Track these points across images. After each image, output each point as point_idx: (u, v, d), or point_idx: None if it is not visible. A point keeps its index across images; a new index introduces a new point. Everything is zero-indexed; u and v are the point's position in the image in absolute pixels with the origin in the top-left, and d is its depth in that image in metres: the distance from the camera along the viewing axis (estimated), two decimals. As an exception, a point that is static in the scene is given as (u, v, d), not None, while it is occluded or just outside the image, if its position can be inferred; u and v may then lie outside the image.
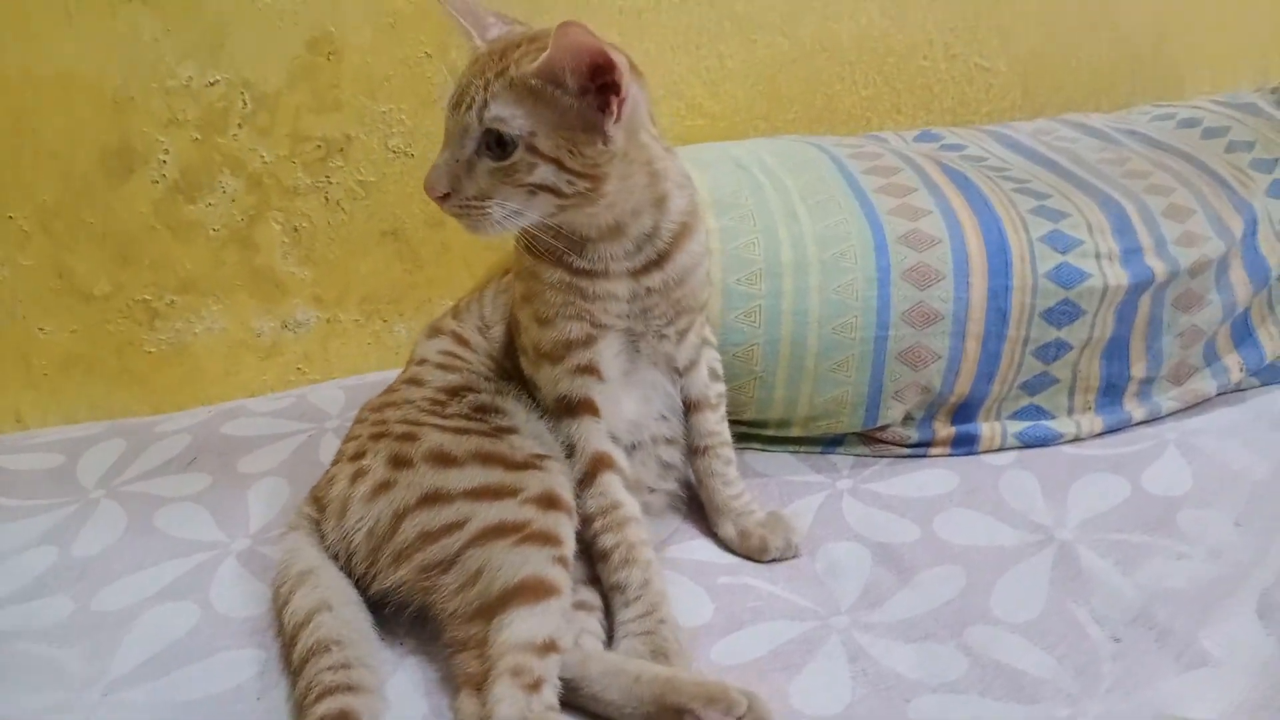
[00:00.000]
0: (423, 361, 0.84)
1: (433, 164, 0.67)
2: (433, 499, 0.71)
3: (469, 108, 0.64)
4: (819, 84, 1.20)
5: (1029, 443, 0.94)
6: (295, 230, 1.07)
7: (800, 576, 0.80)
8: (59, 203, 1.02)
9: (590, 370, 0.76)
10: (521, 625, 0.64)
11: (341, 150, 1.07)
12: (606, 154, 0.65)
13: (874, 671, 0.69)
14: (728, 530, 0.83)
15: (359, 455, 0.76)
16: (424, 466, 0.73)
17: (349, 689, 0.63)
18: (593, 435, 0.77)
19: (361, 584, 0.72)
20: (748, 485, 0.88)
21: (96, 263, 1.04)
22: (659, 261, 0.74)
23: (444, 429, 0.75)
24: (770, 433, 0.95)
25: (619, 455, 0.77)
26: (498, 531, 0.68)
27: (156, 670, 0.70)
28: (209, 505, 0.88)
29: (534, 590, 0.66)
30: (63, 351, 1.07)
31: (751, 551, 0.82)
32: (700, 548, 0.84)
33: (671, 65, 1.14)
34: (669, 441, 0.84)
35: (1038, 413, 0.95)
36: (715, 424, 0.85)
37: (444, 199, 0.66)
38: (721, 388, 0.86)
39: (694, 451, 0.85)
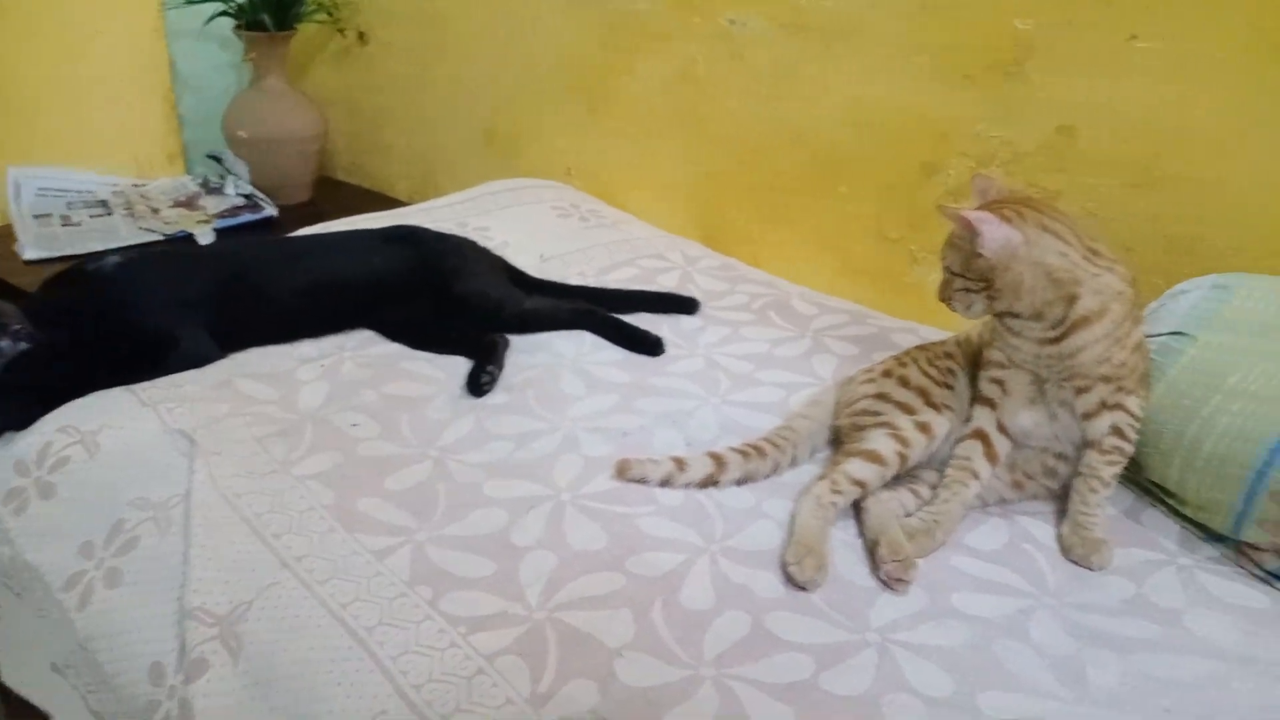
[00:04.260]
0: (960, 334, 1.35)
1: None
2: (880, 397, 1.27)
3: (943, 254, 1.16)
4: None
5: (1365, 627, 1.02)
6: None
7: (1070, 575, 1.11)
8: (889, 185, 1.74)
9: (998, 383, 1.20)
10: (852, 466, 1.18)
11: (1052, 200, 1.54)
12: (987, 269, 1.09)
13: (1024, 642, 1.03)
14: (1063, 528, 1.18)
15: (880, 364, 1.34)
16: (894, 380, 1.28)
17: (766, 445, 1.25)
18: (982, 418, 1.21)
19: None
20: (1123, 528, 1.19)
21: (896, 221, 1.74)
22: (1057, 339, 1.12)
23: (920, 369, 1.28)
24: (1171, 502, 1.21)
25: (994, 437, 1.19)
26: (885, 425, 1.22)
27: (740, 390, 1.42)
28: (841, 362, 1.52)
29: (872, 456, 1.18)
30: (861, 262, 1.82)
31: (1063, 548, 1.16)
32: (1035, 525, 1.19)
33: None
34: (1058, 456, 1.21)
35: None
36: (1097, 464, 1.17)
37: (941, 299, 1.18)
38: (1120, 443, 1.16)
39: (1077, 473, 1.20)
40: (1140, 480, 1.24)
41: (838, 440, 1.30)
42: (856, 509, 1.19)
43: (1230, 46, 1.37)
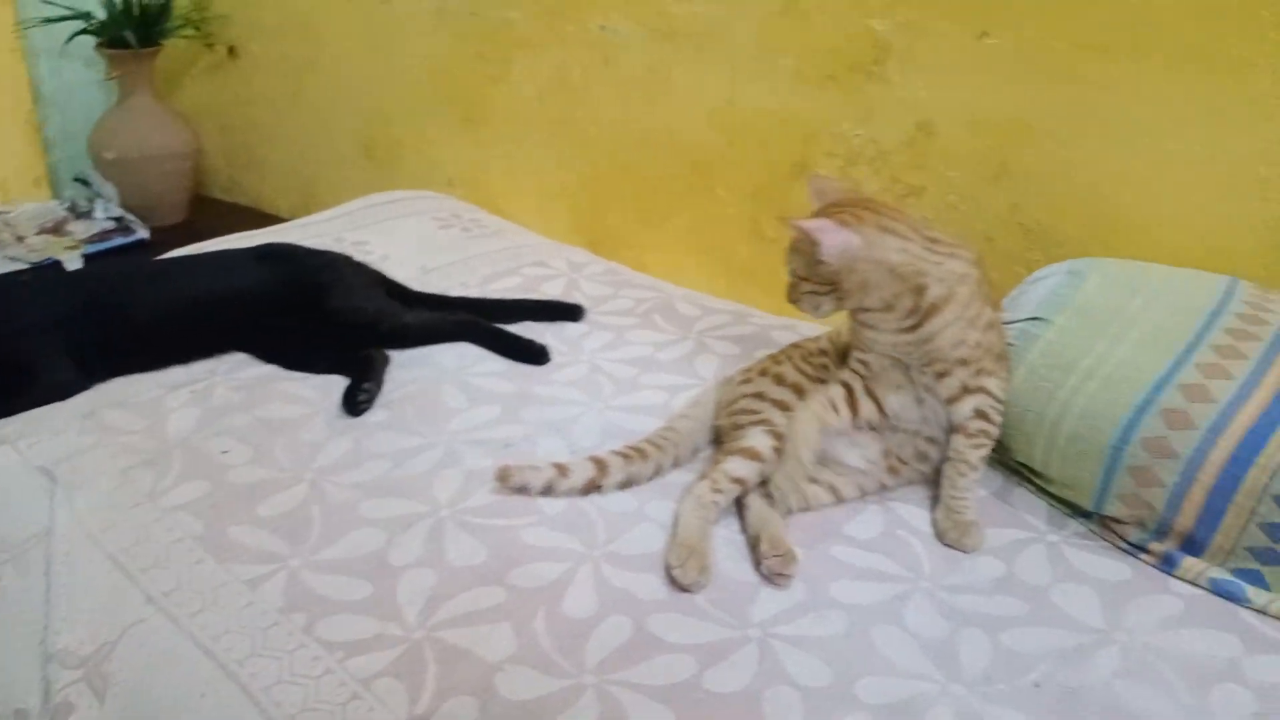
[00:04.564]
0: (832, 330, 1.38)
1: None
2: (757, 395, 1.29)
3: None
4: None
5: (1217, 592, 1.08)
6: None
7: (944, 559, 1.14)
8: (762, 185, 1.77)
9: (863, 363, 1.22)
10: (732, 464, 1.19)
11: (915, 194, 1.59)
12: (831, 273, 1.12)
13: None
14: (936, 513, 1.21)
15: (758, 363, 1.36)
16: (770, 379, 1.30)
17: (648, 446, 1.26)
18: (847, 376, 1.23)
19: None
20: (994, 509, 1.23)
21: (771, 221, 1.77)
22: (912, 326, 1.15)
23: (795, 366, 1.31)
24: (1038, 481, 1.25)
25: (858, 391, 1.21)
26: (761, 421, 1.24)
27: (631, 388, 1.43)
28: (723, 362, 1.53)
29: (750, 454, 1.20)
30: (740, 261, 1.85)
31: (937, 533, 1.19)
32: (911, 512, 1.22)
33: (1214, 213, 1.39)
34: (928, 440, 1.24)
35: (1256, 578, 1.07)
36: (963, 447, 1.20)
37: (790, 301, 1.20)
38: (985, 425, 1.19)
39: (946, 458, 1.23)
40: (1008, 461, 1.28)
41: (719, 440, 1.31)
42: (739, 505, 1.20)
43: (1071, 43, 1.43)
